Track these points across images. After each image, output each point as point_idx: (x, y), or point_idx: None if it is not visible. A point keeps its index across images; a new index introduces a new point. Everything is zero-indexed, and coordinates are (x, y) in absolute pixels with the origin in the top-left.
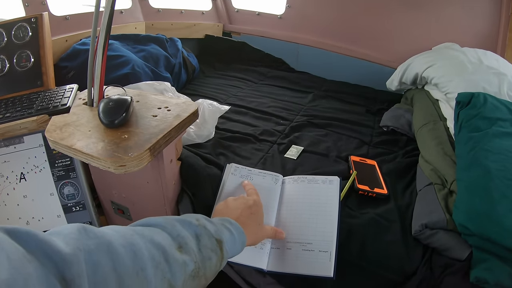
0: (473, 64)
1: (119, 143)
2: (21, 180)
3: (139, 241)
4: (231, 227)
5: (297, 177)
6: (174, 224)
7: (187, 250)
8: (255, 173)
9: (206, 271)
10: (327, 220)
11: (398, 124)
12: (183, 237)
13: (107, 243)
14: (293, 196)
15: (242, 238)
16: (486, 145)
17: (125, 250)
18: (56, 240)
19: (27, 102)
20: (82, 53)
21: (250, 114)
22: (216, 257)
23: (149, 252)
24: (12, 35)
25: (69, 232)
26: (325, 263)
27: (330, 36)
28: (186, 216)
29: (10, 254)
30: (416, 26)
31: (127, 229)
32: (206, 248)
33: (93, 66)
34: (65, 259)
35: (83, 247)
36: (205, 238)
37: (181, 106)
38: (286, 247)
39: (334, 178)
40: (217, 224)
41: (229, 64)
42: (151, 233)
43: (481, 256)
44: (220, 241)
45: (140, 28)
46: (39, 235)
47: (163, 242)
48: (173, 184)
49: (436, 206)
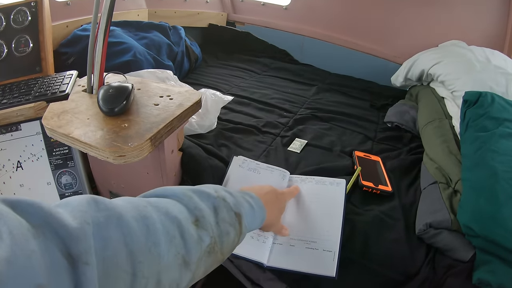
0: (481, 63)
1: (118, 132)
2: (18, 168)
3: (153, 214)
4: (252, 201)
5: (305, 177)
6: (191, 195)
7: (204, 224)
8: (263, 167)
9: (223, 246)
10: (332, 220)
11: (402, 120)
12: (200, 210)
13: (118, 215)
14: (299, 194)
15: (262, 213)
16: (492, 145)
17: (138, 224)
18: (63, 213)
19: (25, 88)
20: (82, 39)
21: (253, 105)
22: (234, 231)
23: (163, 226)
24: (11, 19)
25: (78, 203)
26: (328, 263)
27: (335, 29)
28: (204, 187)
29: (12, 229)
30: (423, 22)
31: (141, 200)
32: (224, 222)
33: (93, 52)
34: (72, 234)
35: (91, 220)
36: (224, 211)
37: (184, 95)
38: (289, 244)
39: (341, 181)
40: (237, 196)
41: (232, 54)
42: (166, 205)
43: (485, 258)
44: (239, 214)
45: (142, 15)
46: (44, 208)
47: (179, 215)
48: (173, 175)
49: (440, 205)
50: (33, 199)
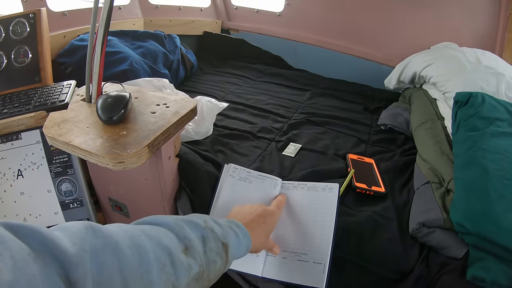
0: (471, 63)
1: (117, 139)
2: (18, 177)
3: (146, 243)
4: (238, 230)
5: (297, 183)
6: (182, 225)
7: (193, 253)
8: (254, 175)
9: (210, 274)
10: (323, 231)
11: (396, 122)
12: (189, 240)
13: (114, 243)
14: (291, 204)
15: (248, 242)
16: (484, 144)
17: (132, 252)
18: (62, 238)
19: (25, 98)
20: (80, 49)
21: (248, 111)
22: (221, 260)
23: (155, 255)
24: (10, 31)
25: (76, 230)
26: (318, 275)
27: (328, 34)
28: (194, 216)
29: (15, 254)
30: (414, 25)
31: (134, 228)
32: (212, 251)
33: (92, 62)
34: (71, 260)
35: (89, 247)
36: (212, 241)
37: (179, 103)
38: (281, 256)
39: (334, 185)
40: (224, 226)
41: (227, 61)
42: (158, 234)
43: (478, 255)
44: (226, 244)
45: (138, 25)
46: (44, 233)
47: (169, 244)
48: (171, 181)
49: (433, 204)
50: (33, 224)
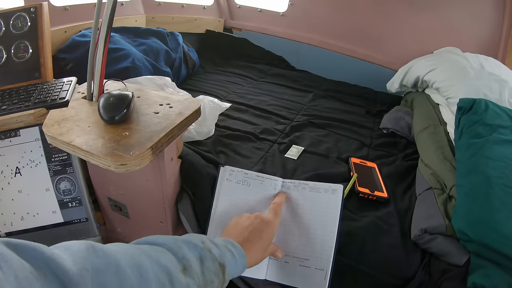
0: (475, 69)
1: (119, 140)
2: (16, 174)
3: (146, 263)
4: (234, 250)
5: (298, 182)
6: (180, 245)
7: (191, 273)
8: (253, 177)
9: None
10: (325, 236)
11: (398, 126)
12: (188, 260)
13: (115, 263)
14: (292, 207)
15: (243, 261)
16: (486, 152)
17: (132, 272)
18: (63, 257)
19: (24, 94)
20: (81, 45)
21: (250, 112)
22: (218, 280)
23: (155, 274)
24: (10, 25)
25: (77, 249)
26: (320, 282)
27: (331, 36)
28: (192, 237)
29: (18, 273)
30: (418, 29)
31: (135, 248)
32: (209, 272)
33: (94, 59)
34: (72, 279)
35: (90, 267)
36: (209, 262)
37: (183, 103)
38: (284, 260)
39: (338, 186)
40: (221, 247)
41: (229, 60)
42: (158, 254)
43: (479, 262)
44: (223, 265)
45: (140, 21)
46: (46, 252)
47: (168, 264)
48: (173, 183)
49: (435, 211)
50: (34, 243)
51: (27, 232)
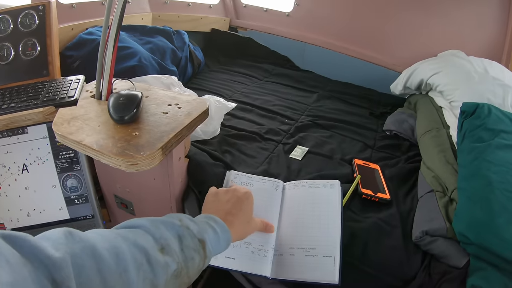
0: (479, 74)
1: (130, 140)
2: (23, 171)
3: (122, 244)
4: (216, 225)
5: (298, 182)
6: (158, 225)
7: (169, 251)
8: (256, 179)
9: (189, 271)
10: (330, 224)
11: (401, 128)
12: (165, 239)
13: (91, 246)
14: (294, 201)
15: (227, 236)
16: (488, 156)
17: (109, 253)
18: (47, 245)
19: (33, 92)
20: (88, 42)
21: (255, 112)
22: (198, 257)
23: (132, 254)
24: (18, 23)
25: (56, 237)
26: (329, 269)
27: (336, 37)
28: (170, 216)
29: (9, 258)
30: (422, 32)
31: (111, 232)
32: (189, 249)
33: (103, 58)
34: (55, 263)
35: (70, 251)
36: (188, 239)
37: (191, 103)
38: (289, 253)
39: (335, 182)
40: (200, 223)
41: (234, 59)
42: (134, 236)
43: (478, 265)
44: (202, 241)
45: (146, 19)
46: (31, 241)
47: (145, 244)
48: (180, 182)
49: (436, 213)
50: (21, 233)
51: (33, 229)
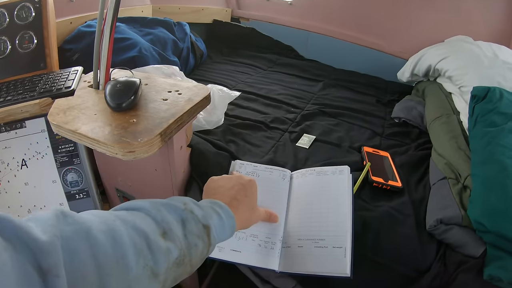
0: (488, 58)
1: (127, 127)
2: (23, 167)
3: (121, 227)
4: (221, 211)
5: (305, 170)
6: (159, 208)
7: (172, 237)
8: (261, 169)
9: (192, 258)
10: (339, 213)
11: (410, 116)
12: (167, 223)
13: (86, 229)
14: (302, 190)
15: (231, 222)
16: (502, 140)
17: (105, 237)
18: (33, 227)
19: (29, 85)
20: (87, 35)
21: (260, 101)
22: (202, 244)
23: (131, 239)
24: (14, 16)
25: (47, 218)
26: (340, 260)
27: (340, 24)
28: (173, 199)
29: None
30: (429, 17)
31: (109, 214)
32: (192, 235)
33: (100, 47)
34: (42, 247)
35: (60, 234)
36: (192, 224)
37: (192, 90)
38: (297, 245)
39: (344, 167)
40: (205, 208)
41: (237, 50)
42: (134, 218)
43: (496, 254)
44: (207, 226)
45: (147, 11)
46: (15, 221)
47: (146, 228)
48: (182, 172)
49: (450, 201)
50: (3, 213)
51: None
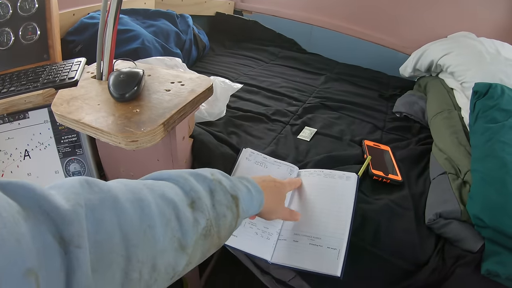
0: (491, 54)
1: (130, 117)
2: (25, 157)
3: (149, 196)
4: (249, 185)
5: (313, 170)
6: (187, 177)
7: (200, 206)
8: (271, 161)
9: (220, 230)
10: (340, 216)
11: (411, 110)
12: (196, 192)
13: (112, 198)
14: (306, 189)
15: (260, 197)
16: (503, 137)
17: (132, 206)
18: (55, 195)
19: (33, 75)
20: (90, 26)
21: (262, 94)
22: (231, 214)
23: (159, 209)
24: (17, 7)
25: (70, 185)
26: (332, 261)
27: (343, 18)
28: (200, 170)
29: (1, 211)
30: (432, 13)
31: (136, 182)
32: (221, 205)
33: (103, 38)
34: (64, 216)
35: (84, 203)
36: (220, 194)
37: (195, 81)
38: (293, 240)
39: (352, 174)
40: (233, 180)
41: (239, 43)
42: (162, 188)
43: (494, 249)
44: (236, 197)
45: (149, 3)
46: (36, 189)
47: (174, 198)
48: (184, 162)
49: (450, 196)
50: (24, 181)
51: None
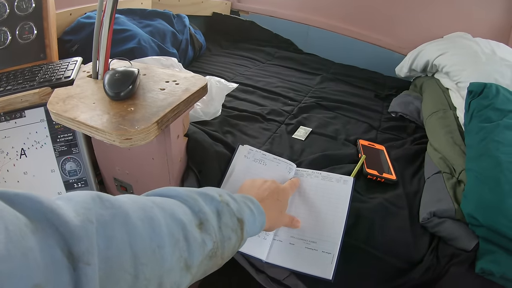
0: (486, 54)
1: (125, 115)
2: (22, 156)
3: (159, 215)
4: (252, 206)
5: (311, 171)
6: (196, 197)
7: (208, 228)
8: (270, 158)
9: (224, 251)
10: (334, 221)
11: (407, 110)
12: (204, 213)
13: (124, 215)
14: (304, 190)
15: (262, 219)
16: (497, 136)
17: (143, 225)
18: (65, 209)
19: (29, 74)
20: (86, 26)
21: (257, 93)
22: (236, 237)
23: (169, 229)
24: (14, 6)
25: (82, 200)
26: (326, 265)
27: (340, 19)
28: (208, 189)
29: (8, 225)
30: (428, 13)
31: (146, 200)
32: (227, 227)
33: (99, 37)
34: (73, 232)
35: (96, 218)
36: (227, 216)
37: (190, 80)
38: (289, 242)
39: (349, 178)
40: (239, 201)
41: (236, 43)
42: (172, 207)
43: (488, 248)
44: (241, 220)
45: (146, 4)
46: (44, 202)
47: (183, 218)
48: (179, 161)
49: (444, 195)
50: (32, 193)
51: None
